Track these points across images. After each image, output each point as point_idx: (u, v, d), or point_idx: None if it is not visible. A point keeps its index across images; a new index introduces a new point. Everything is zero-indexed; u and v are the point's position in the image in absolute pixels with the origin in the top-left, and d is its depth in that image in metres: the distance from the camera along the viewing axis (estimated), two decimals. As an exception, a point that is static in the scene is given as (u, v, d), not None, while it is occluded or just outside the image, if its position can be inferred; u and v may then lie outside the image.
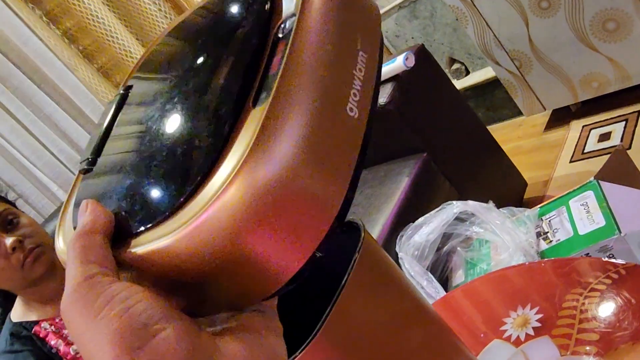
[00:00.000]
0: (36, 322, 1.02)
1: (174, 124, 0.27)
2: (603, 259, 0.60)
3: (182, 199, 0.22)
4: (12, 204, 1.04)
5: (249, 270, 0.22)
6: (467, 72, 2.36)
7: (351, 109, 0.24)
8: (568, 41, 1.64)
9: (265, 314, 0.25)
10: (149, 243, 0.22)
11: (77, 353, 1.00)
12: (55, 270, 1.03)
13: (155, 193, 0.24)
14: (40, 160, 1.71)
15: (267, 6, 0.27)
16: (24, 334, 1.00)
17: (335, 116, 0.23)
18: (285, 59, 0.23)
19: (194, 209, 0.21)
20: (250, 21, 0.28)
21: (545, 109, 1.91)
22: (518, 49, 1.76)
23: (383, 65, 1.45)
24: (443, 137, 1.49)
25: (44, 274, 0.99)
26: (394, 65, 1.36)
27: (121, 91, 0.34)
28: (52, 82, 1.78)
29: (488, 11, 1.72)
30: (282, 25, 0.26)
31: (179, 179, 0.23)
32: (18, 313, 1.04)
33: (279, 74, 0.23)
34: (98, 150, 0.31)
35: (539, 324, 0.54)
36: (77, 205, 0.28)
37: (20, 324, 1.02)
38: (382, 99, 1.33)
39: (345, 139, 0.23)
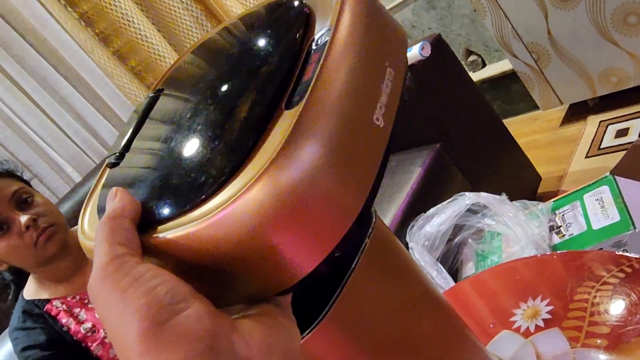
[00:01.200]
0: (48, 301, 1.04)
1: (206, 121, 0.28)
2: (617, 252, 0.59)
3: (209, 191, 0.23)
4: (27, 183, 1.05)
5: (267, 264, 0.23)
6: (484, 65, 2.34)
7: (377, 119, 0.25)
8: (588, 34, 1.61)
9: (279, 307, 0.25)
10: (174, 229, 0.23)
11: (88, 332, 1.02)
12: (67, 249, 1.04)
13: (183, 184, 0.25)
14: (55, 142, 1.73)
15: (303, 21, 0.29)
16: (35, 312, 1.02)
17: (362, 124, 0.24)
18: (319, 67, 0.24)
19: (221, 201, 0.22)
20: (287, 33, 0.30)
21: (562, 104, 1.89)
22: (536, 42, 1.73)
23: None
24: (457, 128, 1.48)
25: (56, 253, 1.00)
26: (409, 55, 1.35)
27: (151, 94, 0.36)
28: (69, 65, 1.79)
29: (507, 2, 1.69)
30: (316, 39, 0.27)
31: (208, 172, 0.24)
32: (30, 291, 1.06)
33: (313, 80, 0.24)
34: (127, 145, 0.32)
35: (549, 316, 0.53)
36: (104, 196, 0.30)
37: (32, 301, 1.04)
38: (397, 88, 1.32)
39: (369, 147, 0.25)
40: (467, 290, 0.71)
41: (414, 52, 1.34)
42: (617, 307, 0.49)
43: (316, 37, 0.28)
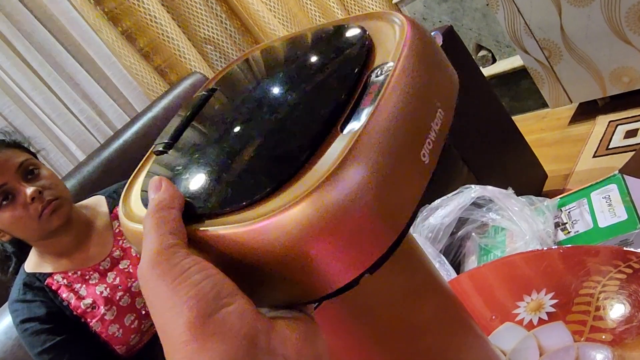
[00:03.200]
0: (49, 275, 1.04)
1: (263, 128, 0.30)
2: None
3: (260, 197, 0.25)
4: (34, 155, 1.05)
5: (304, 273, 0.24)
6: (494, 60, 2.32)
7: (424, 155, 0.26)
8: (601, 32, 1.59)
9: (305, 313, 0.27)
10: (221, 226, 0.25)
11: (88, 308, 1.02)
12: (71, 224, 1.04)
13: (232, 185, 0.27)
14: (60, 119, 1.72)
15: (366, 51, 0.31)
16: (36, 285, 1.02)
17: (411, 158, 0.26)
18: (379, 98, 0.26)
19: (271, 208, 0.24)
20: (350, 60, 0.31)
21: (571, 102, 1.87)
22: (548, 38, 1.71)
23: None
24: (465, 121, 1.46)
25: (60, 226, 1.00)
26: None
27: (204, 92, 0.37)
28: (76, 42, 1.78)
29: (521, -3, 1.68)
30: (376, 71, 0.29)
31: (258, 179, 0.26)
32: (32, 264, 1.06)
33: (373, 108, 0.25)
34: (175, 136, 0.34)
35: (553, 310, 0.53)
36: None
37: (33, 274, 1.04)
38: (406, 78, 1.30)
39: (413, 181, 0.26)
40: (467, 282, 0.71)
41: (425, 43, 1.32)
42: (623, 303, 0.48)
43: (376, 67, 0.29)
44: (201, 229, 0.25)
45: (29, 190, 0.95)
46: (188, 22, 2.03)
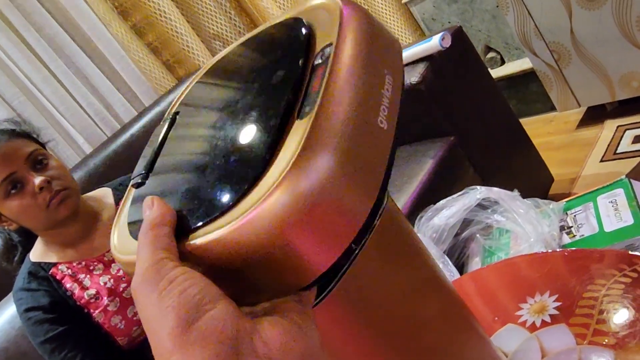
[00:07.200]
0: (54, 264, 1.04)
1: (226, 136, 0.31)
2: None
3: (233, 200, 0.26)
4: (43, 146, 1.06)
5: (289, 263, 0.25)
6: (502, 62, 2.31)
7: (381, 121, 0.27)
8: (611, 37, 1.58)
9: (301, 302, 0.27)
10: (204, 235, 0.26)
11: (91, 298, 1.02)
12: (77, 215, 1.04)
13: (210, 195, 0.28)
14: (68, 112, 1.73)
15: (306, 37, 0.32)
16: (41, 274, 1.02)
17: (369, 127, 0.27)
18: (326, 78, 0.27)
19: (244, 208, 0.25)
20: (292, 50, 0.32)
21: (579, 106, 1.86)
22: (558, 41, 1.71)
23: (419, 44, 1.41)
24: (473, 122, 1.46)
25: (67, 217, 1.01)
26: (429, 45, 1.33)
27: (169, 117, 0.39)
28: (86, 35, 1.79)
29: (531, 0, 1.67)
30: (320, 54, 0.30)
31: (231, 182, 0.27)
32: (37, 253, 1.06)
33: (321, 90, 0.26)
34: (150, 165, 0.35)
35: (556, 312, 0.52)
36: (133, 212, 0.33)
37: (38, 264, 1.04)
38: (414, 78, 1.30)
39: (376, 148, 0.27)
40: (470, 283, 0.71)
41: (434, 42, 1.32)
42: (627, 307, 0.48)
43: (319, 51, 0.30)
44: (190, 242, 0.26)
45: (38, 179, 0.96)
46: (197, 18, 2.04)
